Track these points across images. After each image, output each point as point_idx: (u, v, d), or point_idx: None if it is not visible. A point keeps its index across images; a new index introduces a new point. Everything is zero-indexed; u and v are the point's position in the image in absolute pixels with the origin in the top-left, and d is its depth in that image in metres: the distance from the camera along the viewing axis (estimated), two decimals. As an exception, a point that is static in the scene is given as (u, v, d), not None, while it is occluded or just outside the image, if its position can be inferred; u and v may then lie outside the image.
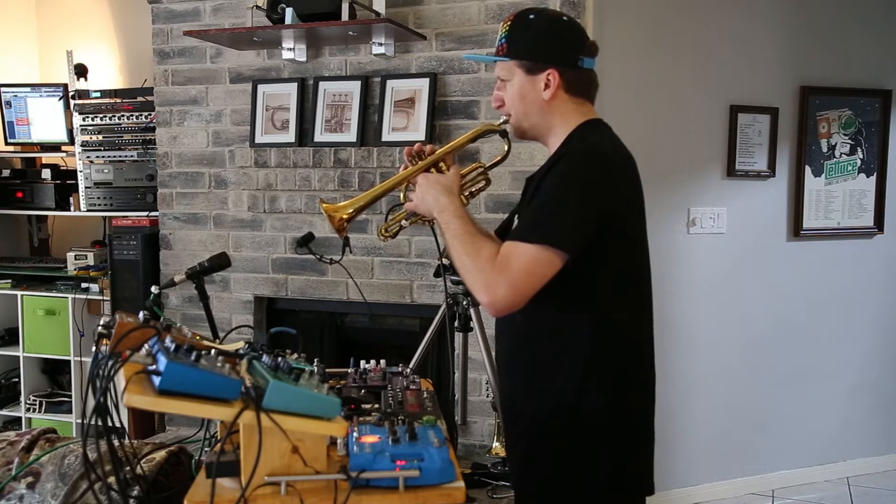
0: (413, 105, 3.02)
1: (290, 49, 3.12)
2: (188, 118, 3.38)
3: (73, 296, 3.63)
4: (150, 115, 3.52)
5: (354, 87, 3.11)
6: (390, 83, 3.05)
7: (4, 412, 3.86)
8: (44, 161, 4.01)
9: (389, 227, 1.74)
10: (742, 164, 3.45)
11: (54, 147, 3.88)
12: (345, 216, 1.66)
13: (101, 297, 3.62)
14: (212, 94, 3.34)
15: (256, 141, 3.23)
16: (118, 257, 3.42)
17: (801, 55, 3.50)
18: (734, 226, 3.46)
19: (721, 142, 3.42)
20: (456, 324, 2.50)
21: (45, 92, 3.84)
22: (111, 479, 1.23)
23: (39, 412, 3.76)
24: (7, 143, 3.94)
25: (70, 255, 3.72)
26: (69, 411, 3.74)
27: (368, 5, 2.89)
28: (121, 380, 1.03)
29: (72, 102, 3.66)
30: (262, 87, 3.23)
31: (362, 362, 1.73)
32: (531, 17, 1.57)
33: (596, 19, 2.99)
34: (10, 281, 3.79)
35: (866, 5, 3.60)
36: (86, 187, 3.64)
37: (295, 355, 1.41)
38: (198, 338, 1.36)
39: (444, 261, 2.00)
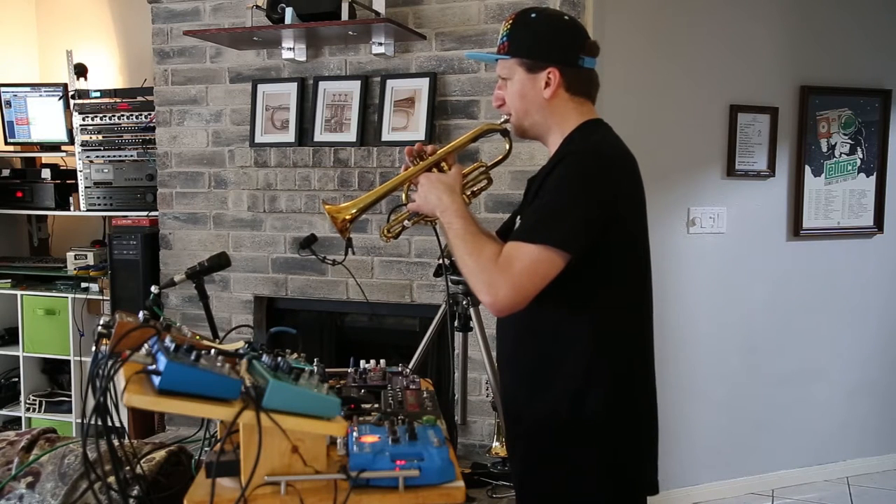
0: (413, 105, 3.02)
1: (290, 49, 3.12)
2: (188, 118, 3.37)
3: (73, 295, 3.63)
4: (149, 114, 3.52)
5: (354, 86, 3.11)
6: (390, 83, 3.05)
7: (4, 412, 3.86)
8: (44, 161, 4.01)
9: (392, 227, 1.74)
10: (742, 164, 3.45)
11: (54, 147, 3.88)
12: (348, 217, 1.66)
13: (101, 297, 3.62)
14: (212, 93, 3.34)
15: (256, 141, 3.23)
16: (118, 257, 3.42)
17: (800, 55, 3.50)
18: (734, 225, 3.46)
19: (721, 142, 3.42)
20: (456, 323, 2.50)
21: (45, 92, 3.84)
22: (111, 479, 1.23)
23: (39, 412, 3.76)
24: (7, 143, 3.94)
25: (70, 255, 3.72)
26: (69, 411, 3.74)
27: (368, 5, 2.89)
28: (121, 379, 1.03)
29: (72, 102, 3.66)
30: (261, 87, 3.22)
31: (362, 362, 1.72)
32: (532, 15, 1.57)
33: (596, 19, 2.99)
34: (10, 281, 3.79)
35: (866, 5, 3.60)
36: (86, 187, 3.63)
37: (295, 355, 1.41)
38: (198, 338, 1.36)
39: (445, 260, 2.00)
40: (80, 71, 3.72)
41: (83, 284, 3.66)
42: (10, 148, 3.95)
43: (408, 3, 3.01)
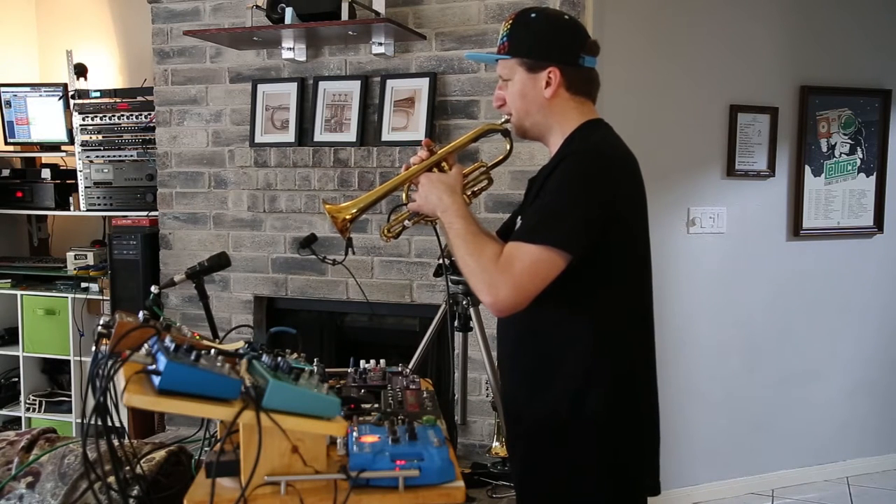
0: (413, 105, 3.02)
1: (290, 49, 3.12)
2: (188, 118, 3.37)
3: (72, 295, 3.63)
4: (149, 114, 3.52)
5: (354, 86, 3.11)
6: (390, 83, 3.05)
7: (4, 412, 3.85)
8: (44, 161, 4.01)
9: (392, 227, 1.74)
10: (742, 164, 3.45)
11: (54, 147, 3.88)
12: (348, 217, 1.66)
13: (100, 297, 3.62)
14: (211, 93, 3.34)
15: (256, 141, 3.23)
16: (118, 257, 3.42)
17: (800, 55, 3.50)
18: (734, 225, 3.46)
19: (721, 142, 3.42)
20: (456, 323, 2.50)
21: (44, 92, 3.84)
22: (111, 479, 1.23)
23: (39, 412, 3.76)
24: (7, 143, 3.94)
25: (70, 255, 3.72)
26: (69, 411, 3.74)
27: (368, 5, 2.89)
28: (121, 379, 1.03)
29: (71, 102, 3.66)
30: (261, 87, 3.22)
31: (362, 362, 1.72)
32: (532, 15, 1.57)
33: (596, 19, 2.99)
34: (10, 281, 3.79)
35: (866, 5, 3.60)
36: (86, 187, 3.63)
37: (295, 355, 1.41)
38: (197, 337, 1.36)
39: (445, 260, 2.00)
40: (80, 71, 3.72)
41: (83, 284, 3.66)
42: (10, 148, 3.95)
43: (408, 3, 3.01)
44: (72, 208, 3.75)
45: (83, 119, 3.63)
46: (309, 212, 3.18)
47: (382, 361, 1.73)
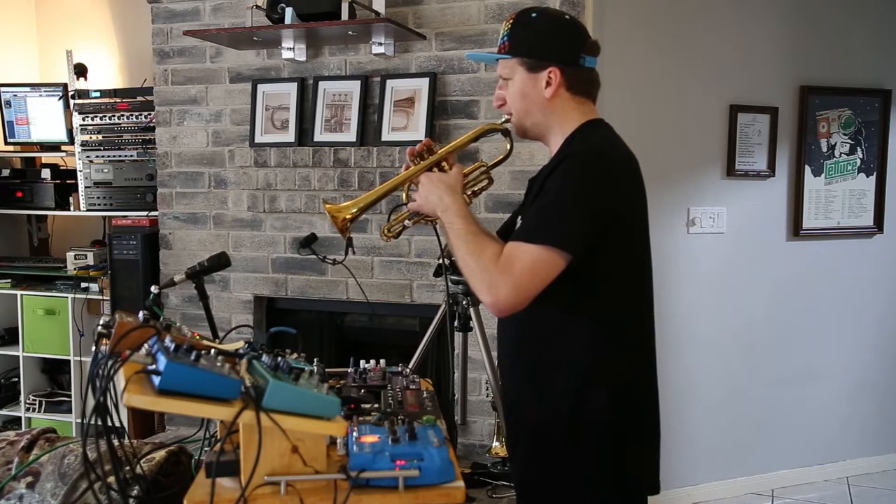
0: (413, 105, 3.02)
1: (290, 49, 3.12)
2: (188, 118, 3.37)
3: (72, 295, 3.63)
4: (149, 114, 3.52)
5: (354, 86, 3.11)
6: (390, 83, 3.05)
7: (4, 412, 3.85)
8: (43, 161, 4.01)
9: (392, 227, 1.74)
10: (742, 164, 3.45)
11: (54, 147, 3.88)
12: (348, 216, 1.66)
13: (100, 297, 3.62)
14: (211, 93, 3.34)
15: (256, 141, 3.23)
16: (118, 257, 3.42)
17: (800, 55, 3.50)
18: (734, 225, 3.46)
19: (721, 142, 3.42)
20: (456, 323, 2.50)
21: (44, 92, 3.84)
22: (111, 479, 1.23)
23: (39, 412, 3.76)
24: (7, 143, 3.94)
25: (70, 255, 3.71)
26: (69, 411, 3.74)
27: (368, 5, 2.89)
28: (121, 379, 1.03)
29: (71, 102, 3.66)
30: (261, 87, 3.22)
31: (362, 362, 1.73)
32: (533, 15, 1.57)
33: (596, 19, 2.99)
34: (10, 281, 3.79)
35: (866, 5, 3.60)
36: (85, 187, 3.63)
37: (295, 355, 1.41)
38: (197, 337, 1.36)
39: (445, 260, 2.00)
40: (80, 71, 3.72)
41: (83, 284, 3.66)
42: (10, 148, 3.95)
43: (408, 3, 3.01)
44: (72, 208, 3.75)
45: (83, 119, 3.63)
46: (309, 212, 3.18)
47: (382, 361, 1.73)
